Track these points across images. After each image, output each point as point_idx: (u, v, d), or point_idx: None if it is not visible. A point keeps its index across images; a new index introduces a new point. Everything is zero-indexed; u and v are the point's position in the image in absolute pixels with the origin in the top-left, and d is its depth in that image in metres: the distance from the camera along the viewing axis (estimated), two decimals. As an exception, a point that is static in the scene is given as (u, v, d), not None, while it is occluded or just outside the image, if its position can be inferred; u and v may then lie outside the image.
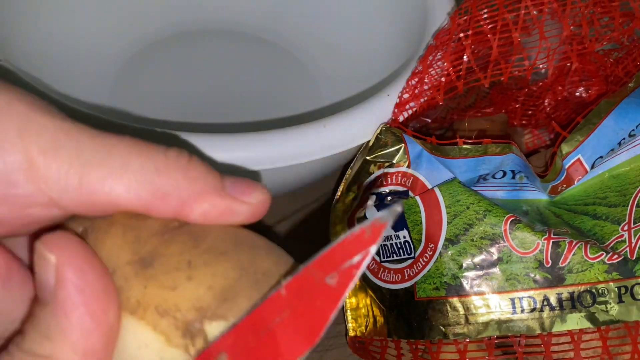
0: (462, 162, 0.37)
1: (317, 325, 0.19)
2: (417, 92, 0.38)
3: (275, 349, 0.20)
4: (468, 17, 0.38)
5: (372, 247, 0.19)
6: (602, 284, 0.34)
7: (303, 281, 0.20)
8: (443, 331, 0.34)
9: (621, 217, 0.35)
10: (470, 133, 0.38)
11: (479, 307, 0.34)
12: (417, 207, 0.36)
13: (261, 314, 0.20)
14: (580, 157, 0.37)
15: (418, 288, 0.35)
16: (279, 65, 0.54)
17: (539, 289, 0.34)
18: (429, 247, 0.35)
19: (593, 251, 0.34)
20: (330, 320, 0.19)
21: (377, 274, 0.37)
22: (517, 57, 0.38)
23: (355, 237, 0.19)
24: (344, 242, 0.19)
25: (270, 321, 0.20)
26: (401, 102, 0.38)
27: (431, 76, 0.38)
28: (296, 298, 0.20)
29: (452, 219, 0.35)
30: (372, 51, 0.50)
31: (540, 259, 0.34)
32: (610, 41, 0.38)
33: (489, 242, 0.34)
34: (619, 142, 0.37)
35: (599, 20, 0.38)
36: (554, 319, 0.34)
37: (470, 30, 0.37)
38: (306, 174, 0.40)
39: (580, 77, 0.40)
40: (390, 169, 0.37)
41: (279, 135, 0.36)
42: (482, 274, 0.34)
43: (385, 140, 0.37)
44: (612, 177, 0.37)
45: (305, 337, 0.19)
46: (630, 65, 0.40)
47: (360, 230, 0.19)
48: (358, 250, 0.19)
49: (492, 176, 0.37)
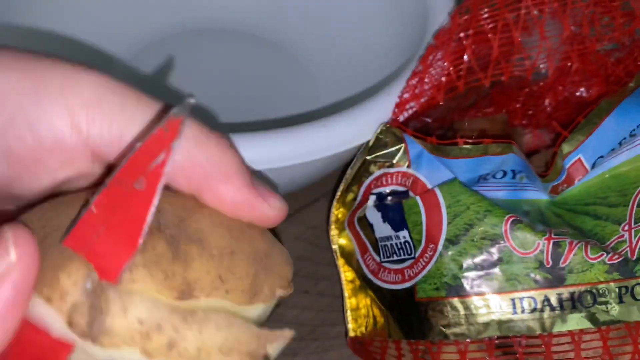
0: (463, 162, 0.36)
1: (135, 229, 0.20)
2: (417, 91, 0.38)
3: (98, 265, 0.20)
4: (468, 16, 0.37)
5: (174, 142, 0.20)
6: (603, 284, 0.34)
7: (111, 194, 0.20)
8: (443, 332, 0.34)
9: (622, 217, 0.35)
10: (471, 133, 0.38)
11: (480, 308, 0.34)
12: (418, 207, 0.36)
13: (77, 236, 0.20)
14: (581, 157, 0.37)
15: (418, 288, 0.35)
16: (279, 65, 0.54)
17: (540, 289, 0.34)
18: (429, 247, 0.35)
19: (594, 251, 0.34)
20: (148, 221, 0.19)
21: (377, 275, 0.37)
22: (518, 56, 0.38)
23: (155, 139, 0.20)
24: (145, 146, 0.20)
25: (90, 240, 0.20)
26: (401, 102, 0.38)
27: (431, 76, 0.38)
28: (109, 212, 0.20)
29: (453, 219, 0.35)
30: (372, 51, 0.50)
31: (540, 259, 0.34)
32: (611, 41, 0.38)
33: (490, 243, 0.34)
34: (620, 141, 0.37)
35: (600, 20, 0.38)
36: (554, 319, 0.34)
37: (470, 29, 0.37)
38: (306, 174, 0.40)
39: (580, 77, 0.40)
40: (390, 169, 0.37)
41: (279, 135, 0.36)
42: (483, 274, 0.34)
43: (385, 140, 0.37)
44: (613, 177, 0.37)
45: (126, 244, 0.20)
46: (631, 65, 0.40)
47: (157, 131, 0.20)
48: (160, 149, 0.20)
49: (492, 176, 0.37)
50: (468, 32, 0.37)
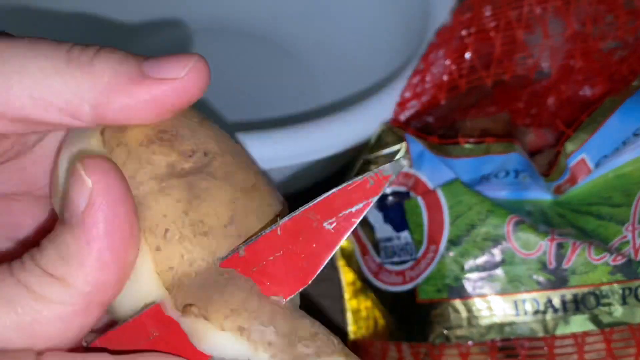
0: (465, 162, 0.36)
1: (311, 267, 0.20)
2: (418, 90, 0.38)
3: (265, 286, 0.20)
4: (470, 14, 0.37)
5: (374, 197, 0.20)
6: (606, 286, 0.34)
7: (300, 223, 0.20)
8: (445, 334, 0.34)
9: (625, 217, 0.35)
10: (473, 132, 0.38)
11: (482, 310, 0.34)
12: (419, 208, 0.35)
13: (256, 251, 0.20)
14: (585, 156, 0.37)
15: (420, 290, 0.35)
16: (279, 64, 0.54)
17: (542, 291, 0.34)
18: (431, 248, 0.35)
19: (597, 252, 0.34)
20: (324, 264, 0.20)
21: (377, 276, 0.37)
22: (520, 55, 0.38)
23: (357, 186, 0.20)
24: (346, 189, 0.20)
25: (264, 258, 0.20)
26: (402, 101, 0.38)
27: (433, 74, 0.38)
28: (292, 238, 0.20)
29: (454, 219, 0.35)
30: (373, 49, 0.50)
31: (543, 260, 0.34)
32: (615, 39, 0.38)
33: (492, 244, 0.34)
34: (624, 140, 0.37)
35: (603, 19, 0.38)
36: (557, 321, 0.34)
37: (472, 27, 0.37)
38: (306, 173, 0.40)
39: (584, 76, 0.40)
40: (391, 169, 0.37)
41: (279, 134, 0.36)
42: (485, 275, 0.34)
43: (386, 139, 0.37)
44: (617, 177, 0.36)
45: (297, 278, 0.20)
46: (635, 64, 0.40)
47: (363, 179, 0.20)
48: (360, 199, 0.20)
49: (494, 176, 0.36)
50: (470, 30, 0.37)
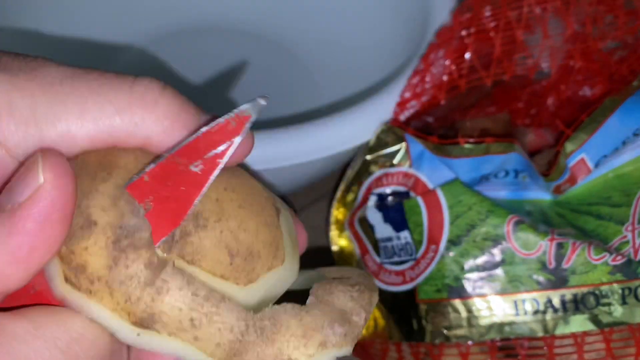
0: (464, 162, 0.36)
1: (181, 208, 0.20)
2: (418, 90, 0.38)
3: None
4: (470, 14, 0.37)
5: (237, 138, 0.20)
6: (606, 286, 0.34)
7: (167, 168, 0.20)
8: (445, 334, 0.34)
9: (625, 217, 0.35)
10: (473, 132, 0.38)
11: (482, 310, 0.34)
12: (419, 207, 0.35)
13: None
14: (584, 156, 0.37)
15: (419, 290, 0.35)
16: (279, 64, 0.54)
17: (542, 291, 0.34)
18: (431, 248, 0.35)
19: (597, 252, 0.34)
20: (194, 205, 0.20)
21: (377, 276, 0.37)
22: (520, 55, 0.37)
23: (220, 128, 0.20)
24: (209, 132, 0.20)
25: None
26: (402, 101, 0.38)
27: (433, 74, 0.38)
28: (160, 184, 0.20)
29: (454, 219, 0.35)
30: (373, 49, 0.50)
31: (543, 260, 0.34)
32: (615, 39, 0.38)
33: (492, 243, 0.34)
34: (624, 140, 0.37)
35: (603, 19, 0.38)
36: (557, 321, 0.34)
37: (472, 27, 0.37)
38: (306, 173, 0.40)
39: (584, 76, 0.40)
40: (391, 169, 0.37)
41: (279, 134, 0.36)
42: (485, 275, 0.34)
43: (386, 139, 0.37)
44: (616, 177, 0.36)
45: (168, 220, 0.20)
46: (634, 64, 0.40)
47: (225, 121, 0.20)
48: (223, 140, 0.20)
49: (494, 176, 0.36)
50: (470, 30, 0.37)
